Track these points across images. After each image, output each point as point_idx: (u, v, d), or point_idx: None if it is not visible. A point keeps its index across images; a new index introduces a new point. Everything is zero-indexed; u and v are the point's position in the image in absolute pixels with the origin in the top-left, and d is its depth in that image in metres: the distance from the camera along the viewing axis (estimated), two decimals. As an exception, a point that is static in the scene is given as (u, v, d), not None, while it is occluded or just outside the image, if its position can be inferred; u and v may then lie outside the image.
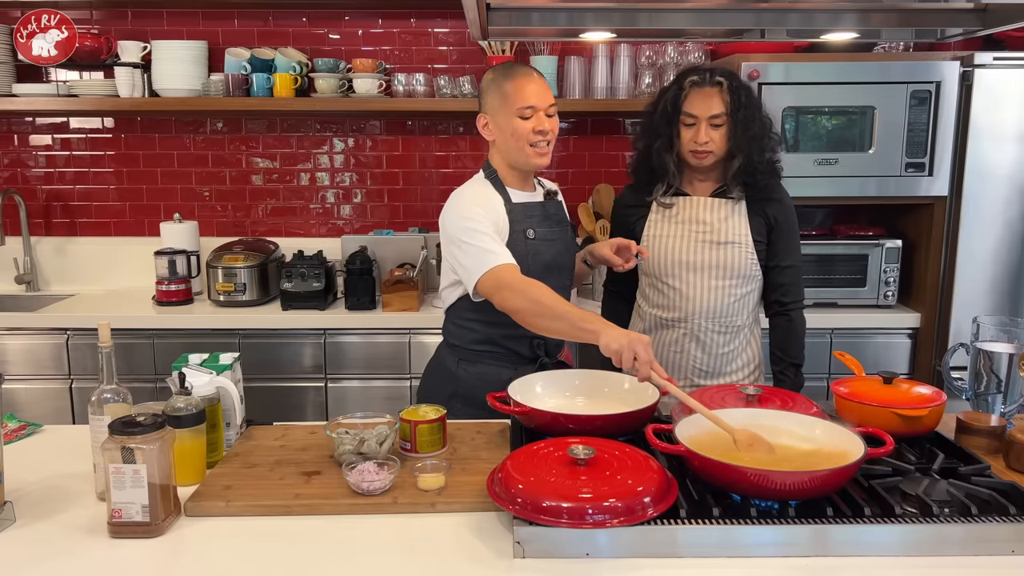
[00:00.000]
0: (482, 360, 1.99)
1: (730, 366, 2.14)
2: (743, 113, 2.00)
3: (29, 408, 2.95)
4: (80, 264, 3.50)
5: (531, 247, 1.92)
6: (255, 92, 3.21)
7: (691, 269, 2.08)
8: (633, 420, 1.60)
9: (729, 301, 2.09)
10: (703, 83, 2.01)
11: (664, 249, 2.10)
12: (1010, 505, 1.30)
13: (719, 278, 2.07)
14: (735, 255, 2.06)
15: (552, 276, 1.93)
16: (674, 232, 2.10)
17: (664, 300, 2.12)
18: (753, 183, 2.06)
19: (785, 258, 2.12)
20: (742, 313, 2.12)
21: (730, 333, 2.11)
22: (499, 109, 1.89)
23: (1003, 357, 1.75)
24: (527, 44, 3.29)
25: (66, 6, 3.26)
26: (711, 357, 2.11)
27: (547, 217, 1.98)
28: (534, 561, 1.25)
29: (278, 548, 1.30)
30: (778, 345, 2.17)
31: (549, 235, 1.96)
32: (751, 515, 1.27)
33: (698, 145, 2.02)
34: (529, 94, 1.86)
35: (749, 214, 2.09)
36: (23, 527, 1.37)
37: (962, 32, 1.84)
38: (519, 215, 1.93)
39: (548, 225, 1.98)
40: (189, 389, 1.53)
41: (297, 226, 3.56)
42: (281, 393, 3.00)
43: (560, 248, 1.98)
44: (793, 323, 2.15)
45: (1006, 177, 2.82)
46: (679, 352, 2.13)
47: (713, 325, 2.10)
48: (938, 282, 2.93)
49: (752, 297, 2.13)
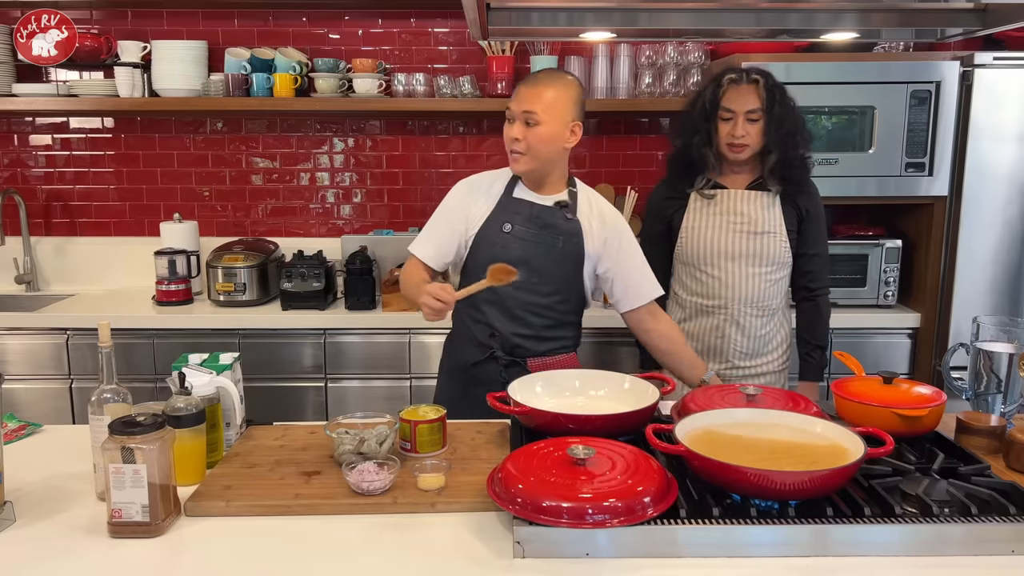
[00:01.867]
0: (453, 335, 2.16)
1: (767, 347, 2.28)
2: (778, 110, 2.13)
3: (29, 408, 2.95)
4: (80, 264, 3.50)
5: (502, 239, 2.00)
6: (255, 92, 3.21)
7: (730, 258, 2.21)
8: (633, 420, 1.60)
9: (765, 287, 2.23)
10: (740, 80, 2.15)
11: (703, 239, 2.23)
12: (1010, 505, 1.31)
13: (756, 265, 2.21)
14: (771, 244, 2.20)
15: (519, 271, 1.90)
16: (713, 223, 2.22)
17: (703, 288, 2.25)
18: (788, 177, 2.18)
19: (813, 247, 2.27)
20: (776, 297, 2.27)
21: (766, 316, 2.26)
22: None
23: (1003, 357, 1.75)
24: (527, 44, 3.29)
25: (66, 6, 3.26)
26: (750, 340, 2.26)
27: (534, 219, 2.00)
28: (534, 561, 1.25)
29: (278, 548, 1.30)
30: (805, 329, 2.34)
31: (525, 234, 2.00)
32: (751, 515, 1.27)
33: (735, 139, 2.14)
34: (513, 98, 1.95)
35: (783, 205, 2.22)
36: (23, 527, 1.37)
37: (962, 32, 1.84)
38: (508, 209, 2.02)
39: (531, 226, 2.00)
40: (189, 389, 1.53)
41: (297, 226, 3.56)
42: (281, 393, 3.00)
43: (538, 252, 1.99)
44: (819, 308, 2.31)
45: (1006, 177, 2.82)
46: (720, 337, 2.26)
47: (751, 310, 2.24)
48: (938, 282, 2.93)
49: (784, 282, 2.29)
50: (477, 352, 2.05)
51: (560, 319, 2.06)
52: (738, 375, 2.28)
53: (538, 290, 2.01)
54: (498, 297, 1.99)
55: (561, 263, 2.02)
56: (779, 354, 2.32)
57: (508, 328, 2.02)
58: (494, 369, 2.03)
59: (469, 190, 2.07)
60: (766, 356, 2.29)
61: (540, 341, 2.04)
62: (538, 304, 2.02)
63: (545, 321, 2.04)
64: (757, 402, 1.64)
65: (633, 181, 3.41)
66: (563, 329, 2.08)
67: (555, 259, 2.01)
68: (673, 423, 1.47)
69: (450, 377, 2.15)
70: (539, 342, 2.04)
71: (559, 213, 2.02)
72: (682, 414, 1.59)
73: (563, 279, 2.03)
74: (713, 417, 1.53)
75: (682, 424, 1.46)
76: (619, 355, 3.00)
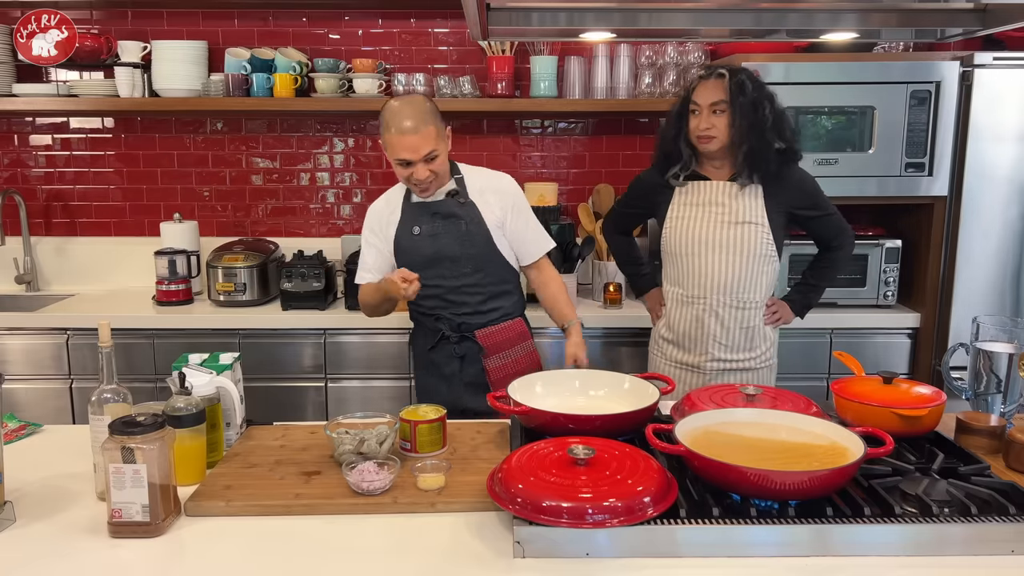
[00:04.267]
0: (415, 328, 2.36)
1: (750, 343, 2.30)
2: (743, 101, 2.16)
3: (29, 408, 2.95)
4: (80, 264, 3.50)
5: (415, 242, 2.21)
6: (255, 92, 3.21)
7: (709, 247, 2.25)
8: (633, 420, 1.60)
9: (744, 277, 2.25)
10: (708, 76, 2.22)
11: (685, 230, 2.27)
12: (1010, 505, 1.31)
13: (735, 255, 2.23)
14: (751, 234, 2.22)
15: (441, 266, 2.19)
16: (694, 214, 2.27)
17: (683, 278, 2.31)
18: (758, 168, 2.20)
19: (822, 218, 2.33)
20: (758, 291, 2.28)
21: (748, 310, 2.27)
22: (385, 148, 2.14)
23: (1003, 357, 1.75)
24: (527, 44, 3.29)
25: (66, 6, 3.26)
26: (730, 332, 2.28)
27: (434, 215, 2.20)
28: (534, 561, 1.25)
29: (278, 548, 1.30)
30: (810, 267, 2.44)
31: (432, 230, 2.20)
32: (751, 515, 1.27)
33: (700, 131, 2.20)
34: (400, 150, 2.07)
35: (765, 196, 2.24)
36: (23, 527, 1.37)
37: (962, 32, 1.84)
38: (411, 214, 2.23)
39: (434, 221, 2.20)
40: (189, 389, 1.53)
41: (297, 226, 3.56)
42: (281, 393, 3.00)
43: (447, 241, 2.19)
44: (838, 252, 2.38)
45: (1006, 177, 2.82)
46: (699, 328, 2.30)
47: (729, 300, 2.26)
48: (938, 282, 2.93)
49: (767, 277, 2.29)
50: (431, 338, 2.27)
51: (493, 291, 2.25)
52: (718, 368, 2.30)
53: (460, 272, 2.21)
54: (436, 291, 2.21)
55: (472, 244, 2.21)
56: (763, 350, 2.32)
57: (448, 311, 2.23)
58: (448, 348, 2.25)
59: (375, 217, 2.29)
60: (749, 352, 2.31)
61: (481, 315, 2.25)
62: (466, 285, 2.22)
63: (478, 297, 2.23)
64: (757, 402, 1.65)
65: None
66: (499, 300, 2.27)
67: (464, 244, 2.20)
68: (673, 423, 1.47)
69: (423, 366, 2.34)
70: (480, 316, 2.25)
71: (452, 202, 2.21)
72: (682, 414, 1.59)
73: (479, 258, 2.22)
74: (713, 417, 1.53)
75: (682, 424, 1.46)
76: (619, 355, 3.00)
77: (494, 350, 2.25)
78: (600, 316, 2.96)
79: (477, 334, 2.24)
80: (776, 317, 2.35)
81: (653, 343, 2.48)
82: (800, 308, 2.41)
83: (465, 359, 2.25)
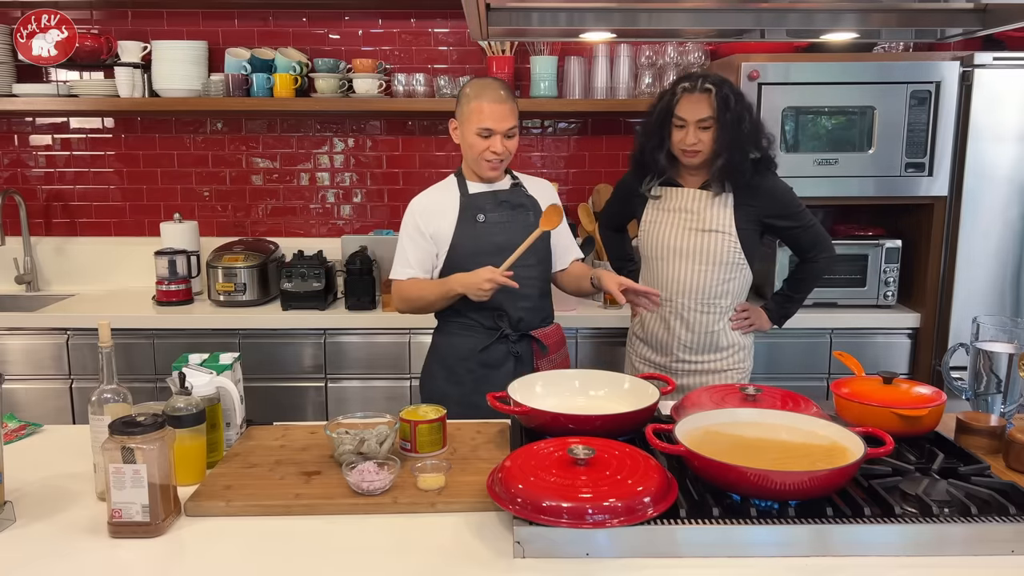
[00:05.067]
0: (452, 329, 2.24)
1: (716, 345, 2.32)
2: (728, 116, 2.17)
3: (29, 408, 2.95)
4: (80, 264, 3.50)
5: (480, 230, 2.16)
6: (255, 92, 3.21)
7: (677, 254, 2.28)
8: (633, 420, 1.60)
9: (710, 284, 2.28)
10: (693, 89, 2.19)
11: (656, 235, 2.32)
12: (1010, 505, 1.31)
13: (701, 263, 2.26)
14: (717, 242, 2.24)
15: (507, 255, 2.08)
16: (665, 220, 2.31)
17: (653, 281, 2.35)
18: (731, 180, 2.22)
19: (796, 229, 2.31)
20: (724, 297, 2.30)
21: (714, 314, 2.30)
22: (464, 122, 2.12)
23: (1003, 357, 1.75)
24: (527, 44, 3.29)
25: (66, 6, 3.26)
26: (695, 334, 2.31)
27: (501, 203, 2.19)
28: (534, 561, 1.25)
29: (278, 548, 1.30)
30: (788, 279, 2.45)
31: (500, 219, 2.18)
32: (751, 515, 1.27)
33: (687, 146, 2.21)
34: (486, 117, 2.07)
35: (736, 206, 2.25)
36: (23, 527, 1.37)
37: (962, 32, 1.84)
38: (473, 203, 2.18)
39: (500, 209, 2.19)
40: (189, 389, 1.53)
41: (297, 226, 3.56)
42: (281, 393, 3.00)
43: (516, 229, 2.16)
44: (807, 267, 2.38)
45: (1006, 177, 2.82)
46: (666, 330, 2.34)
47: (695, 305, 2.29)
48: (938, 282, 2.93)
49: (735, 284, 2.31)
50: (484, 337, 2.19)
51: (543, 288, 2.27)
52: (683, 369, 2.34)
53: (527, 263, 2.14)
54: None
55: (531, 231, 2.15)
56: (729, 354, 2.33)
57: (513, 305, 2.18)
58: (504, 347, 2.19)
59: (422, 210, 2.19)
60: (715, 354, 2.33)
61: (536, 312, 2.24)
62: (530, 277, 2.18)
63: (536, 291, 2.23)
64: (757, 402, 1.65)
65: (633, 181, 3.41)
66: (546, 299, 2.30)
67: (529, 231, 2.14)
68: (673, 423, 1.47)
69: (451, 370, 2.24)
70: (536, 312, 2.24)
71: (520, 191, 2.23)
72: (682, 414, 1.59)
73: (542, 251, 2.22)
74: (713, 417, 1.53)
75: (682, 424, 1.46)
76: (619, 355, 2.99)
77: (553, 349, 2.25)
78: (600, 316, 2.96)
79: (536, 333, 2.21)
80: (748, 323, 2.36)
81: (628, 341, 2.52)
82: (777, 317, 2.42)
83: (519, 358, 2.20)
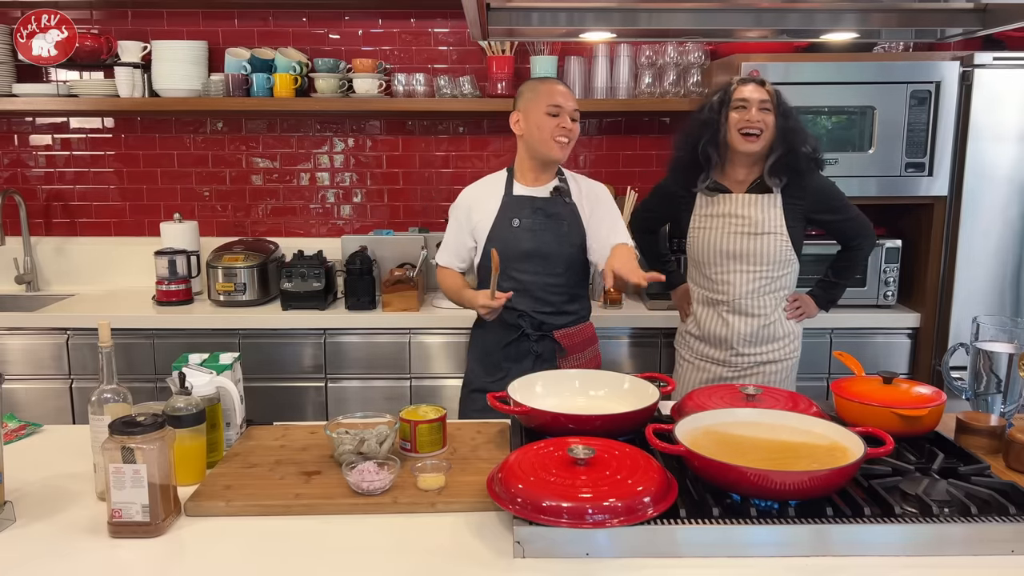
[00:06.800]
0: (483, 323, 2.31)
1: (773, 335, 2.36)
2: (785, 106, 2.24)
3: (29, 408, 2.95)
4: (80, 264, 3.50)
5: (513, 234, 2.23)
6: (255, 92, 3.21)
7: (730, 257, 2.32)
8: (633, 420, 1.60)
9: (763, 283, 2.32)
10: (747, 82, 2.26)
11: (707, 240, 2.34)
12: (1010, 505, 1.31)
13: (755, 264, 2.30)
14: (771, 244, 2.29)
15: (534, 261, 2.22)
16: (716, 225, 2.33)
17: (709, 284, 2.38)
18: (792, 174, 2.26)
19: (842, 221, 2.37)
20: (780, 291, 2.35)
21: (769, 306, 2.34)
22: (531, 107, 2.18)
23: (1003, 357, 1.75)
24: (527, 44, 3.29)
25: (66, 6, 3.26)
26: (754, 327, 2.34)
27: (537, 210, 2.24)
28: (534, 561, 1.25)
29: (278, 548, 1.30)
30: (831, 265, 2.47)
31: (532, 225, 2.23)
32: (751, 515, 1.27)
33: (750, 125, 2.20)
34: (557, 95, 2.17)
35: (784, 205, 2.29)
36: (23, 527, 1.37)
37: (962, 32, 1.84)
38: (512, 206, 2.25)
39: (535, 216, 2.23)
40: (189, 389, 1.53)
41: (297, 226, 3.56)
42: (281, 393, 3.00)
43: (547, 238, 2.22)
44: (857, 251, 2.43)
45: (1006, 177, 2.82)
46: (725, 326, 2.36)
47: (752, 303, 2.34)
48: (938, 282, 2.93)
49: (788, 278, 2.36)
50: (508, 333, 2.27)
51: (573, 293, 2.30)
52: (744, 363, 2.36)
53: (552, 271, 2.24)
54: (521, 285, 2.23)
55: (567, 245, 2.24)
56: (786, 343, 2.38)
57: (533, 308, 2.24)
58: (526, 345, 2.27)
59: (470, 199, 2.31)
60: (773, 343, 2.36)
61: (560, 315, 2.28)
62: (554, 284, 2.25)
63: (562, 297, 2.27)
64: (757, 402, 1.65)
65: (633, 181, 3.42)
66: (577, 302, 2.32)
67: (562, 243, 2.23)
68: (673, 423, 1.47)
69: (481, 361, 2.34)
70: (560, 316, 2.28)
71: (558, 200, 2.25)
72: (682, 414, 1.59)
73: (571, 258, 2.26)
74: (713, 417, 1.53)
75: (682, 424, 1.46)
76: (619, 355, 3.00)
77: (572, 351, 2.28)
78: (599, 316, 2.96)
79: (556, 334, 2.26)
80: (800, 312, 2.41)
81: (680, 338, 2.53)
82: (824, 303, 2.48)
83: (540, 357, 2.26)
